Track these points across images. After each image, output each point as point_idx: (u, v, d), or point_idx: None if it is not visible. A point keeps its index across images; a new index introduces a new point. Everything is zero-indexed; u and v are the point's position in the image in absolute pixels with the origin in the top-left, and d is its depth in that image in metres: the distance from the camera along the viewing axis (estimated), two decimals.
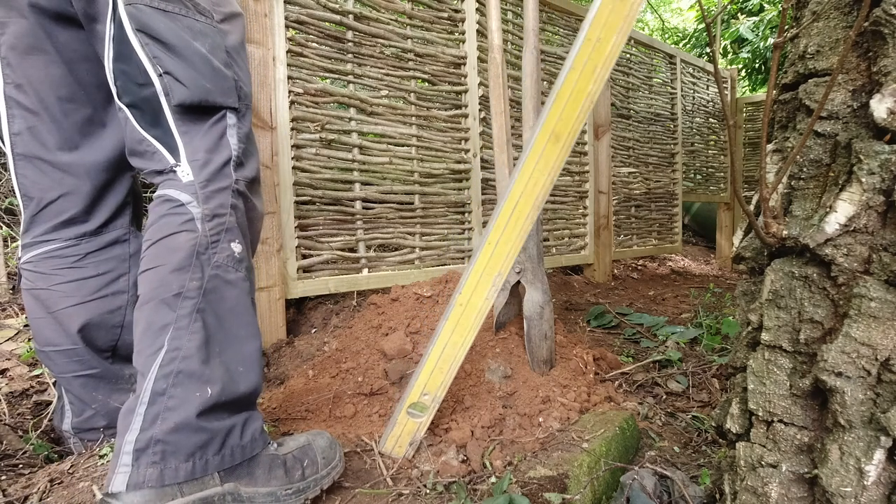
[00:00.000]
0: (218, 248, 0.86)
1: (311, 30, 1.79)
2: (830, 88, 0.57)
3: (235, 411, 0.85)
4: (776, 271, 0.66)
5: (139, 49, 0.86)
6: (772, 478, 0.62)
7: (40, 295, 1.03)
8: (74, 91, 1.01)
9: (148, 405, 0.77)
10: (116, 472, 0.74)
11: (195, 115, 0.90)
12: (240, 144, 0.94)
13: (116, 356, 1.09)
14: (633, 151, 3.46)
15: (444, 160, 2.21)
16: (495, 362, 1.33)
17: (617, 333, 2.12)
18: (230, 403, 0.83)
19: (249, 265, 0.95)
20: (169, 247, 0.83)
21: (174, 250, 0.83)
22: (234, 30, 1.00)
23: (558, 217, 2.86)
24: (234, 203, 0.91)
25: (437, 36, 2.17)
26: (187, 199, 0.86)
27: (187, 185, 0.87)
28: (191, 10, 0.92)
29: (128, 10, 0.85)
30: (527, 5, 1.42)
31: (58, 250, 1.04)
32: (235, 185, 0.92)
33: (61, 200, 1.03)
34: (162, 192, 0.88)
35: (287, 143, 1.71)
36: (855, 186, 0.58)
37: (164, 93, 0.87)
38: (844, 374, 0.56)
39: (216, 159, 0.90)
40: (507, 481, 0.99)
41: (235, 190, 0.92)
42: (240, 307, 0.89)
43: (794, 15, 0.77)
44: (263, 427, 0.90)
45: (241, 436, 0.84)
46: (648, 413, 1.34)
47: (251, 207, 0.98)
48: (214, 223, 0.87)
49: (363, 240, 1.95)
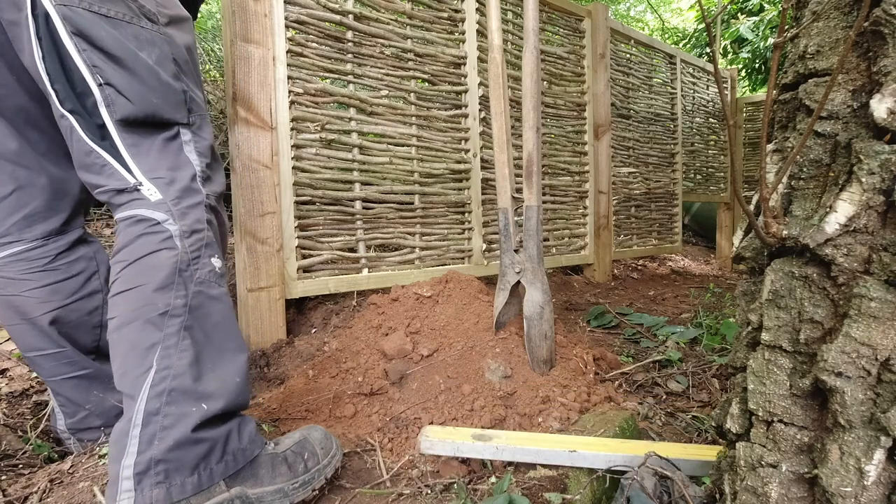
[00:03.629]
0: (199, 263, 0.86)
1: (311, 30, 1.79)
2: (830, 88, 0.57)
3: (229, 418, 0.85)
4: (776, 271, 0.66)
5: (75, 54, 0.82)
6: (772, 478, 0.62)
7: (13, 301, 0.99)
8: (7, 81, 0.95)
9: (142, 427, 0.75)
10: (118, 500, 0.72)
11: (143, 129, 0.87)
12: (201, 159, 0.92)
13: (100, 355, 1.08)
14: (633, 151, 3.46)
15: (444, 160, 2.20)
16: (495, 362, 1.33)
17: (617, 333, 2.12)
18: (225, 414, 0.83)
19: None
20: (150, 265, 0.82)
21: (156, 268, 0.82)
22: (182, 35, 0.96)
23: (558, 217, 2.86)
24: (209, 218, 0.90)
25: (437, 36, 2.17)
26: (162, 217, 0.84)
27: (158, 204, 0.84)
28: (136, 16, 0.87)
29: (59, 9, 0.80)
30: (527, 5, 1.42)
31: (24, 252, 0.99)
32: (207, 199, 0.90)
33: (17, 195, 0.98)
34: (132, 212, 0.85)
35: (287, 143, 1.71)
36: (855, 186, 0.58)
37: (105, 104, 0.83)
38: (844, 374, 0.56)
39: (181, 176, 0.88)
40: (508, 481, 0.99)
41: (207, 205, 0.90)
42: (225, 321, 0.89)
43: (794, 15, 0.77)
44: (257, 427, 0.90)
45: (240, 439, 0.84)
46: (648, 413, 1.34)
47: (221, 222, 0.97)
48: (193, 239, 0.86)
49: (363, 240, 1.95)
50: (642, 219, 3.57)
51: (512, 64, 2.48)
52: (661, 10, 9.34)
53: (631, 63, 3.44)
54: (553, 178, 2.82)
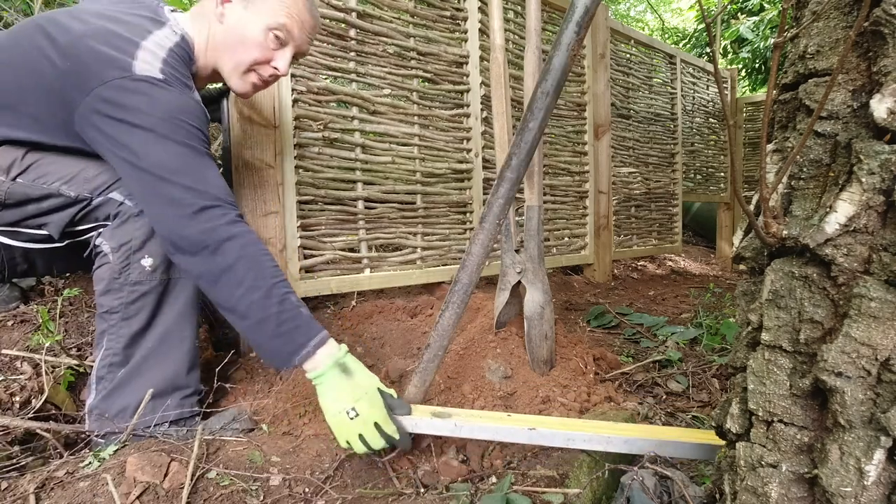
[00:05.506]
0: (130, 268, 1.09)
1: None
2: (830, 88, 0.57)
3: (165, 393, 1.12)
4: (776, 271, 0.66)
5: None
6: (772, 478, 0.62)
7: None
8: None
9: (95, 384, 1.12)
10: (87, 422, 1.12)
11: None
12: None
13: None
14: (633, 151, 3.46)
15: (446, 160, 2.21)
16: (495, 362, 1.33)
17: (617, 333, 2.12)
18: (162, 388, 1.12)
19: (168, 264, 1.12)
20: (95, 278, 1.12)
21: (98, 280, 1.11)
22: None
23: (558, 217, 2.86)
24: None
25: (439, 35, 2.17)
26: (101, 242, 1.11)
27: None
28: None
29: None
30: (529, 5, 1.42)
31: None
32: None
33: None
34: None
35: (290, 142, 1.71)
36: (855, 186, 0.58)
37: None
38: (844, 374, 0.56)
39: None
40: (508, 481, 0.99)
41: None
42: (166, 307, 1.14)
43: (794, 15, 0.77)
44: (192, 404, 1.17)
45: (164, 408, 1.12)
46: (648, 413, 1.34)
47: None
48: (122, 251, 1.09)
49: (365, 240, 1.95)
50: (642, 219, 3.57)
51: (514, 63, 2.48)
52: (661, 10, 9.33)
53: (631, 63, 3.44)
54: (553, 178, 2.82)
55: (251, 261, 1.00)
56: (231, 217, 1.02)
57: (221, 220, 1.00)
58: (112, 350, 1.11)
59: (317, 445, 1.13)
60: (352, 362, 1.03)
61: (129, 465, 0.91)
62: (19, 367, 1.26)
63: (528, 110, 1.04)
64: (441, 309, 1.11)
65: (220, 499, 0.92)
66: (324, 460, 1.09)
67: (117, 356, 1.11)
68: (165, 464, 0.93)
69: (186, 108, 1.05)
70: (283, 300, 1.00)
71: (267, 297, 0.99)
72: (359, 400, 0.98)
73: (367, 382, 1.02)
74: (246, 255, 0.99)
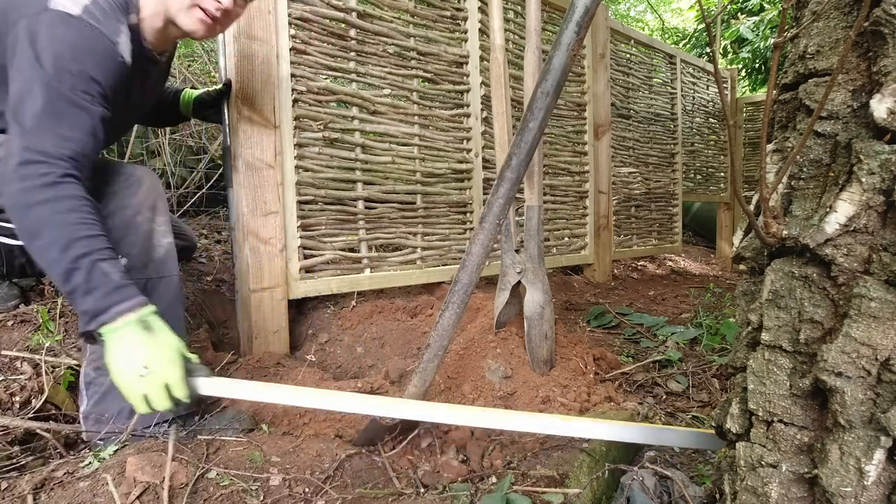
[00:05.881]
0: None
1: (315, 27, 1.79)
2: (830, 88, 0.57)
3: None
4: (776, 271, 0.66)
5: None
6: (772, 478, 0.62)
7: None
8: None
9: (86, 388, 1.14)
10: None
11: None
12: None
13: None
14: (633, 151, 3.46)
15: (446, 160, 2.21)
16: (495, 362, 1.33)
17: (617, 333, 2.12)
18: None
19: (145, 264, 1.15)
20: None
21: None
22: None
23: (558, 217, 2.86)
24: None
25: (439, 34, 2.17)
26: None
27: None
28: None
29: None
30: (529, 5, 1.42)
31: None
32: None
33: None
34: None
35: (290, 141, 1.71)
36: (855, 186, 0.58)
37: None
38: (844, 374, 0.56)
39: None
40: (508, 481, 0.99)
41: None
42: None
43: (794, 15, 0.77)
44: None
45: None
46: (648, 413, 1.34)
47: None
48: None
49: (365, 240, 1.95)
50: (642, 219, 3.58)
51: (514, 63, 2.48)
52: (661, 10, 9.33)
53: (631, 63, 3.44)
54: (553, 178, 2.82)
55: (58, 228, 0.94)
56: (50, 178, 0.95)
57: (39, 179, 0.94)
58: (97, 353, 1.09)
59: (317, 445, 1.13)
60: (156, 321, 0.99)
61: (129, 465, 0.91)
62: (19, 368, 1.26)
63: (528, 110, 1.04)
64: (441, 309, 1.11)
65: (220, 499, 0.92)
66: (324, 460, 1.09)
67: (102, 358, 1.06)
68: (165, 464, 0.93)
69: (85, 49, 1.00)
70: (92, 269, 0.94)
71: (73, 268, 0.94)
72: (153, 359, 0.95)
73: (171, 342, 0.98)
74: (54, 222, 0.94)
